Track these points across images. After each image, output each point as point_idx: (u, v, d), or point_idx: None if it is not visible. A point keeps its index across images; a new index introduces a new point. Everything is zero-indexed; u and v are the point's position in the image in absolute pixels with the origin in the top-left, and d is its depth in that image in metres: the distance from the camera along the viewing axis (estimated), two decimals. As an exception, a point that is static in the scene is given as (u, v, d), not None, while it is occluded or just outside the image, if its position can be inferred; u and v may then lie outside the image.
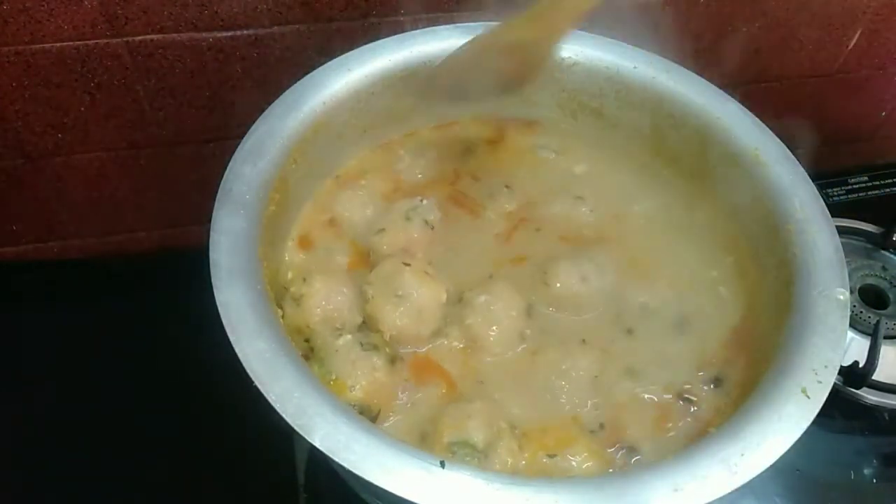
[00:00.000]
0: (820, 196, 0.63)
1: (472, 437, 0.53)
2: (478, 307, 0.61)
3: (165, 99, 0.80)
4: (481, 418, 0.54)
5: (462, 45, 0.65)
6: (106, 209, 0.90)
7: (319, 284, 0.60)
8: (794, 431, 0.49)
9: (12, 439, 0.77)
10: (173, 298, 0.69)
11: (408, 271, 0.60)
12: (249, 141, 0.62)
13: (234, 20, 0.76)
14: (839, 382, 0.76)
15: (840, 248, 0.60)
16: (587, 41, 0.73)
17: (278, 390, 0.48)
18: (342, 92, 0.67)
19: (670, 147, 0.73)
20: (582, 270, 0.64)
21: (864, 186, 1.05)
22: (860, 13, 0.94)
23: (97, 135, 0.82)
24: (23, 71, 0.75)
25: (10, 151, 0.81)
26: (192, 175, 0.88)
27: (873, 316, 0.82)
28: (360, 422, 0.48)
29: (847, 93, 1.04)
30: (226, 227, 0.56)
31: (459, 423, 0.54)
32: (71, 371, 0.81)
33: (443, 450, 0.53)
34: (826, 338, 0.54)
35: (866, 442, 0.79)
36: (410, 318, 0.59)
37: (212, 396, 0.74)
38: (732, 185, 0.68)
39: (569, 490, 0.46)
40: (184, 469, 0.75)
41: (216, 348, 0.50)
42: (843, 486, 0.76)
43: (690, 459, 0.48)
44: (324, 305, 0.59)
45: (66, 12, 0.71)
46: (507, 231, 0.69)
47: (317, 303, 0.59)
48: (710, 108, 0.70)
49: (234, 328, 0.50)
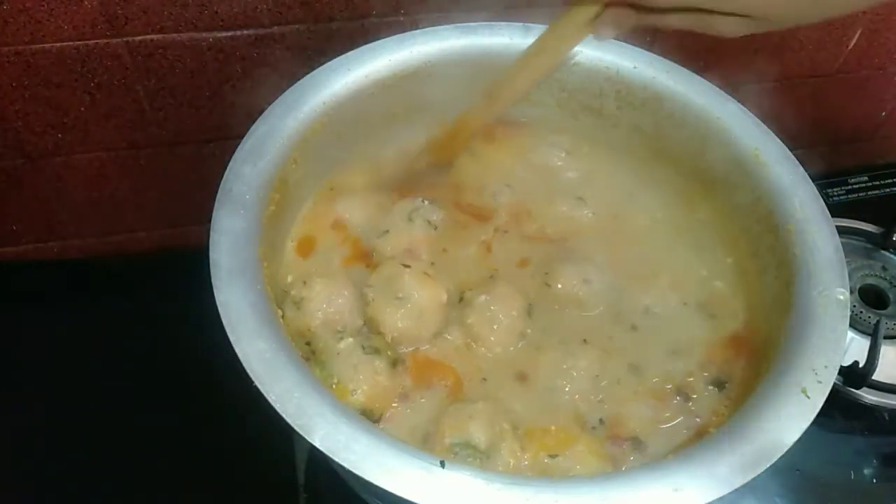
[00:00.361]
0: (820, 196, 0.63)
1: (474, 437, 0.53)
2: (478, 307, 0.61)
3: (165, 99, 0.80)
4: (483, 419, 0.54)
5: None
6: (106, 209, 0.90)
7: (320, 287, 0.60)
8: (794, 431, 0.49)
9: (12, 439, 0.77)
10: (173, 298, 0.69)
11: (408, 273, 0.60)
12: (249, 141, 0.62)
13: (234, 20, 0.76)
14: (839, 382, 0.76)
15: (840, 248, 0.60)
16: (587, 41, 0.73)
17: (278, 390, 0.48)
18: (342, 92, 0.67)
19: (670, 147, 0.73)
20: (583, 272, 0.64)
21: (864, 186, 1.05)
22: (860, 13, 0.94)
23: (97, 135, 0.82)
24: (23, 71, 0.75)
25: (10, 151, 0.81)
26: (192, 175, 0.88)
27: (873, 316, 0.82)
28: (360, 422, 0.48)
29: (847, 93, 1.04)
30: (226, 227, 0.56)
31: (461, 423, 0.54)
32: (71, 371, 0.81)
33: (444, 451, 0.53)
34: (826, 338, 0.54)
35: (866, 442, 0.79)
36: (412, 319, 0.59)
37: (212, 396, 0.74)
38: (732, 185, 0.68)
39: (569, 490, 0.46)
40: (184, 469, 0.75)
41: (216, 348, 0.50)
42: (843, 486, 0.76)
43: (690, 459, 0.48)
44: (325, 308, 0.59)
45: (66, 12, 0.71)
46: (507, 230, 0.69)
47: (317, 306, 0.59)
48: (710, 108, 0.70)
49: (234, 328, 0.50)
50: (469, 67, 0.71)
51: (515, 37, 0.72)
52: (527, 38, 0.72)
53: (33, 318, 0.86)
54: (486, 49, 0.72)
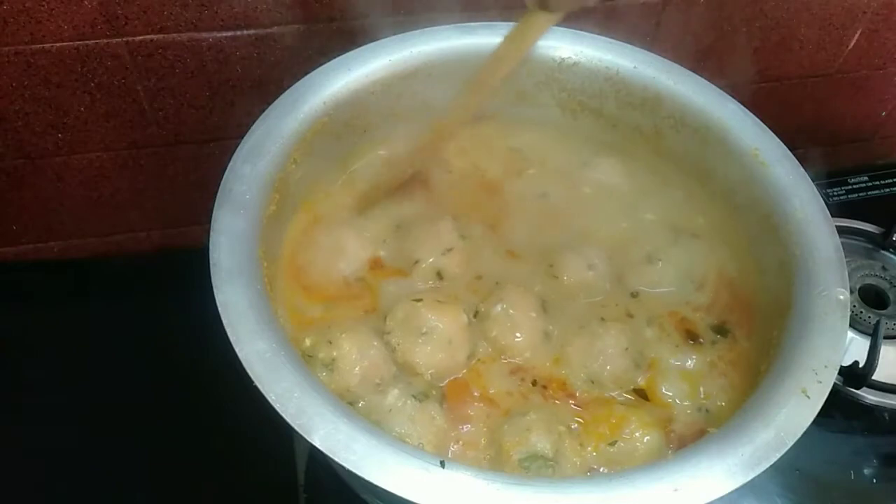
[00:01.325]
0: (820, 196, 0.63)
1: (539, 447, 0.53)
2: (497, 318, 0.61)
3: (165, 99, 0.80)
4: (541, 427, 0.54)
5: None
6: (106, 209, 0.90)
7: (348, 346, 0.57)
8: (794, 431, 0.49)
9: (12, 439, 0.77)
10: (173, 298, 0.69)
11: (422, 307, 0.59)
12: (249, 141, 0.62)
13: (234, 20, 0.76)
14: (839, 382, 0.76)
15: (840, 248, 0.60)
16: (587, 41, 0.73)
17: (278, 390, 0.48)
18: (342, 92, 0.67)
19: (670, 147, 0.73)
20: (587, 259, 0.65)
21: (864, 186, 1.05)
22: (860, 13, 0.94)
23: (97, 135, 0.82)
24: (23, 71, 0.75)
25: (10, 151, 0.81)
26: (192, 175, 0.88)
27: (873, 316, 0.82)
28: (360, 422, 0.48)
29: (847, 93, 1.04)
30: (226, 227, 0.56)
31: (521, 437, 0.54)
32: (71, 371, 0.81)
33: (514, 468, 0.53)
34: (826, 338, 0.54)
35: (866, 442, 0.79)
36: (444, 350, 0.58)
37: (212, 396, 0.74)
38: (732, 186, 0.68)
39: (569, 490, 0.46)
40: (184, 469, 0.75)
41: (216, 348, 0.50)
42: (843, 486, 0.76)
43: (690, 459, 0.48)
44: (361, 363, 0.57)
45: (66, 12, 0.71)
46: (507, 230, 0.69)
47: (352, 364, 0.57)
48: (710, 108, 0.70)
49: (234, 328, 0.50)
50: (469, 67, 0.71)
51: (515, 37, 0.72)
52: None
53: (33, 318, 0.86)
54: (486, 49, 0.71)
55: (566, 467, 0.53)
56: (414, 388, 0.57)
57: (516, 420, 0.55)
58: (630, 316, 0.64)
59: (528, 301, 0.62)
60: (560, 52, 0.72)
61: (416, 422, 0.55)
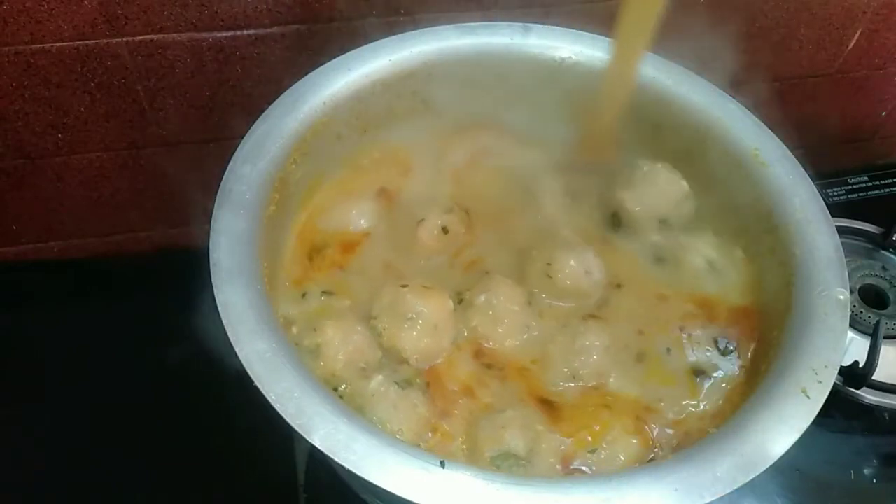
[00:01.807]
0: (820, 196, 0.63)
1: (512, 446, 0.53)
2: (480, 307, 0.60)
3: (165, 99, 0.80)
4: (516, 425, 0.54)
5: None
6: (106, 209, 0.90)
7: (332, 331, 0.57)
8: (794, 431, 0.49)
9: (12, 439, 0.77)
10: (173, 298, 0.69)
11: (409, 292, 0.59)
12: (249, 141, 0.62)
13: (234, 20, 0.76)
14: (839, 382, 0.76)
15: (840, 248, 0.60)
16: (587, 41, 0.73)
17: (278, 390, 0.48)
18: (342, 92, 0.67)
19: (670, 147, 0.73)
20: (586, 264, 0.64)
21: (864, 186, 1.05)
22: (860, 13, 0.94)
23: (97, 135, 0.82)
24: (23, 71, 0.75)
25: (10, 151, 0.81)
26: (192, 175, 0.88)
27: (873, 316, 0.82)
28: (360, 422, 0.48)
29: (847, 93, 1.04)
30: (226, 227, 0.56)
31: (496, 434, 0.54)
32: (71, 371, 0.81)
33: (486, 465, 0.52)
34: (826, 338, 0.54)
35: (866, 442, 0.79)
36: (430, 336, 0.58)
37: (212, 396, 0.74)
38: (732, 185, 0.68)
39: (568, 490, 0.46)
40: (184, 469, 0.75)
41: (216, 348, 0.50)
42: (843, 486, 0.76)
43: (690, 459, 0.48)
44: (345, 349, 0.57)
45: (66, 12, 0.71)
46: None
47: (336, 350, 0.57)
48: (710, 108, 0.70)
49: (234, 328, 0.50)
50: (469, 67, 0.71)
51: (515, 37, 0.72)
52: (527, 38, 0.72)
53: (33, 318, 0.86)
54: (486, 49, 0.72)
55: (540, 467, 0.53)
56: (398, 374, 0.57)
57: (493, 417, 0.55)
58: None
59: (513, 294, 0.61)
60: (560, 52, 0.72)
61: (399, 409, 0.55)
